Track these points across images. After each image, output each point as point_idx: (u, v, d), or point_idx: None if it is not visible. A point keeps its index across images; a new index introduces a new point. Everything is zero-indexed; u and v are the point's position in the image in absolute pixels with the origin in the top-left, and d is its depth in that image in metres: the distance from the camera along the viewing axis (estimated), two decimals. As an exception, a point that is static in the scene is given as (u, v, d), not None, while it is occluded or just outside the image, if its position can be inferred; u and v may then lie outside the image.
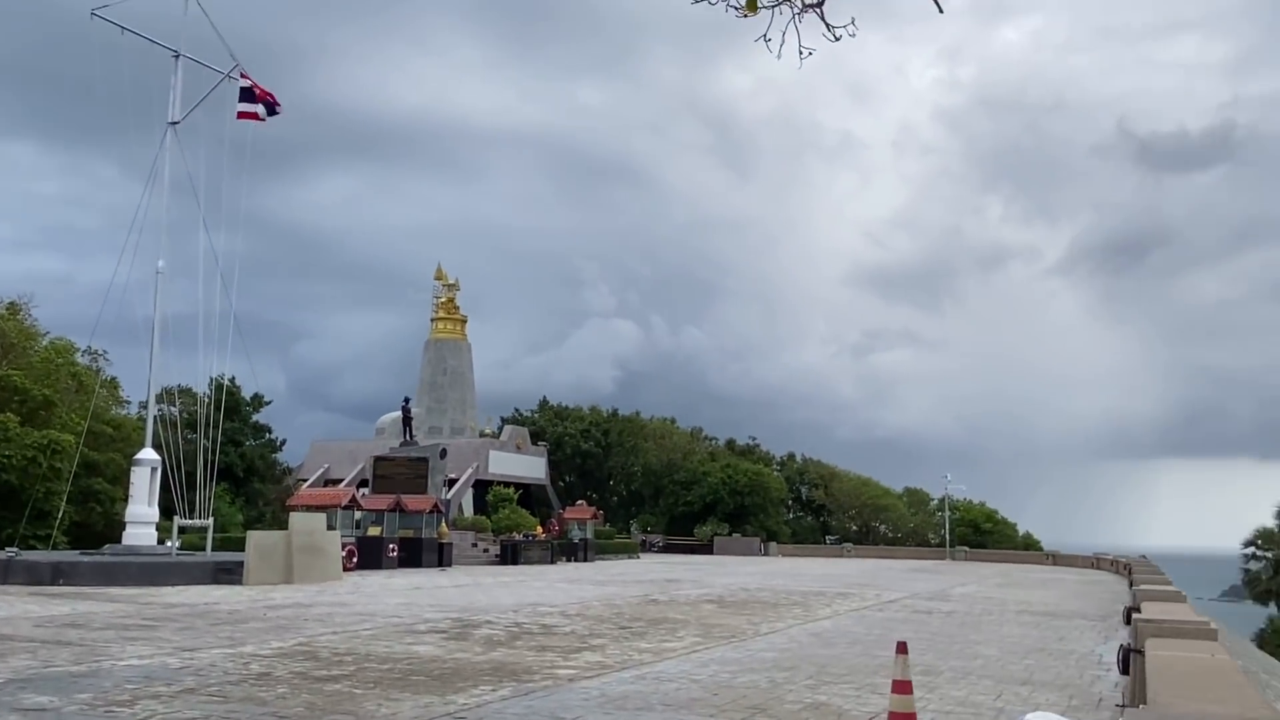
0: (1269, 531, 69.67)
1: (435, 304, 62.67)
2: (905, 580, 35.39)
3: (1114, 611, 23.79)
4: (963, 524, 70.37)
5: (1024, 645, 16.08)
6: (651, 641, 15.30)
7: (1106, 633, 18.63)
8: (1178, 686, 6.62)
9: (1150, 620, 9.97)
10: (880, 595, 26.93)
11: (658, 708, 9.71)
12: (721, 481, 67.15)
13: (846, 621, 19.36)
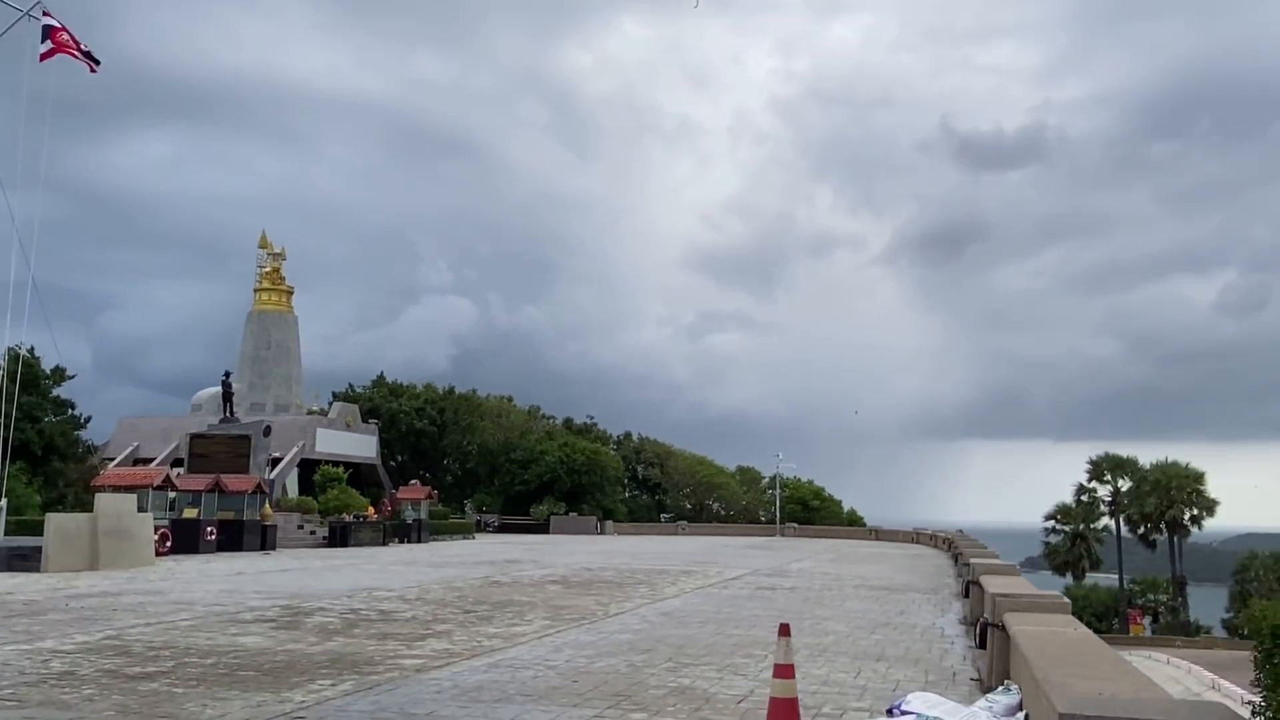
0: (1068, 507, 75.01)
1: (259, 274, 59.27)
2: (743, 557, 35.90)
3: (943, 585, 24.72)
4: (792, 501, 72.47)
5: (869, 620, 16.30)
6: (499, 626, 14.64)
7: (941, 606, 19.19)
8: (1059, 664, 6.55)
9: (1007, 595, 10.10)
10: (722, 573, 27.09)
11: (516, 699, 9.10)
12: (559, 460, 66.68)
13: (695, 600, 19.23)
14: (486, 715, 8.37)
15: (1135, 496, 69.98)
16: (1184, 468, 69.06)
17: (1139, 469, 71.60)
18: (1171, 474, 68.48)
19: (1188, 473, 68.43)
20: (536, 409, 79.45)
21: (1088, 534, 74.31)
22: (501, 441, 70.63)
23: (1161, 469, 69.36)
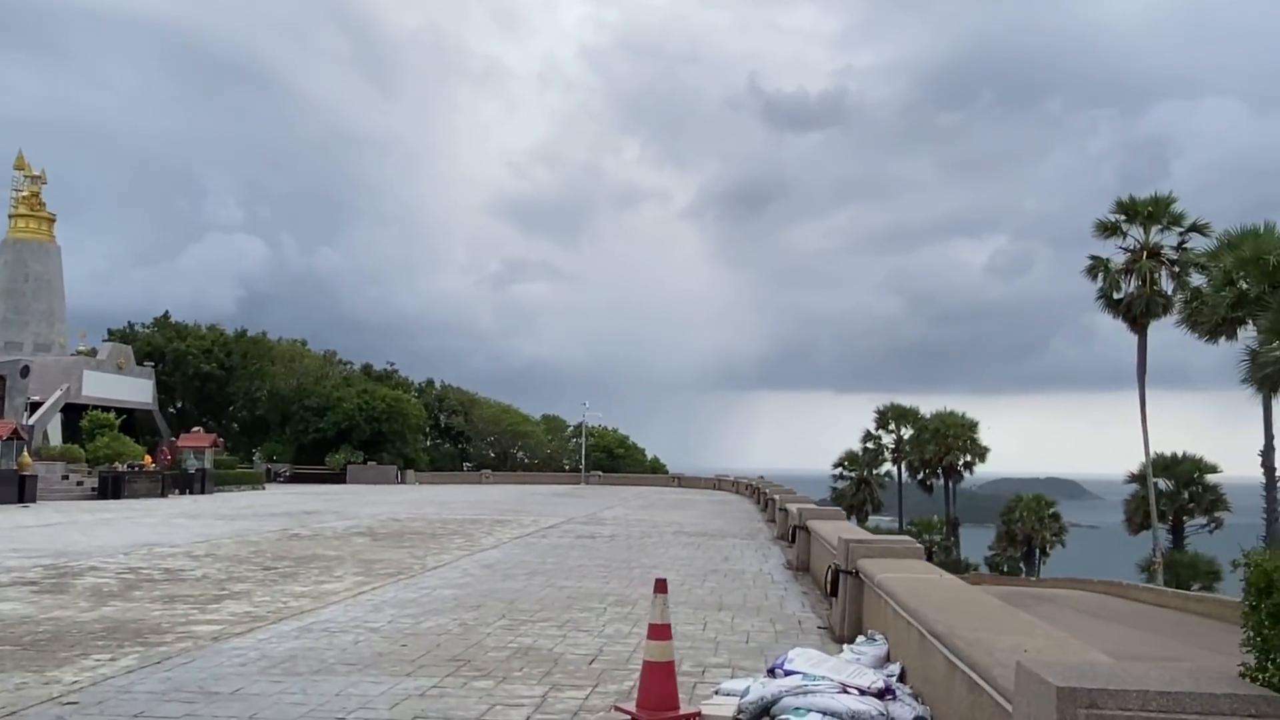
0: (855, 454, 79.00)
1: (15, 198, 52.88)
2: (554, 505, 35.29)
3: (757, 530, 24.94)
4: (597, 449, 72.60)
5: (697, 567, 15.95)
6: (306, 584, 13.27)
7: (762, 551, 19.18)
8: (952, 614, 6.11)
9: (860, 540, 9.79)
10: (537, 521, 26.32)
11: (338, 669, 7.97)
12: (357, 408, 63.80)
13: (515, 550, 18.35)
14: (306, 691, 7.22)
15: (916, 444, 74.28)
16: (960, 417, 73.82)
17: (920, 418, 76.03)
18: (949, 423, 73.00)
19: (964, 422, 73.17)
20: (333, 354, 75.70)
21: (872, 479, 78.58)
22: (294, 388, 66.83)
23: (941, 418, 73.81)
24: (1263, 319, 32.06)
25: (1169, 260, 42.58)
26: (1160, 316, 42.49)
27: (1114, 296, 43.76)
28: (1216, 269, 36.83)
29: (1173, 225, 42.97)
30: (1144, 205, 42.93)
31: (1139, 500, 46.13)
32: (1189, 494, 45.09)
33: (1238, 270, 34.91)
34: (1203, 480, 45.08)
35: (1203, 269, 41.03)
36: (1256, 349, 32.80)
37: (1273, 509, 35.89)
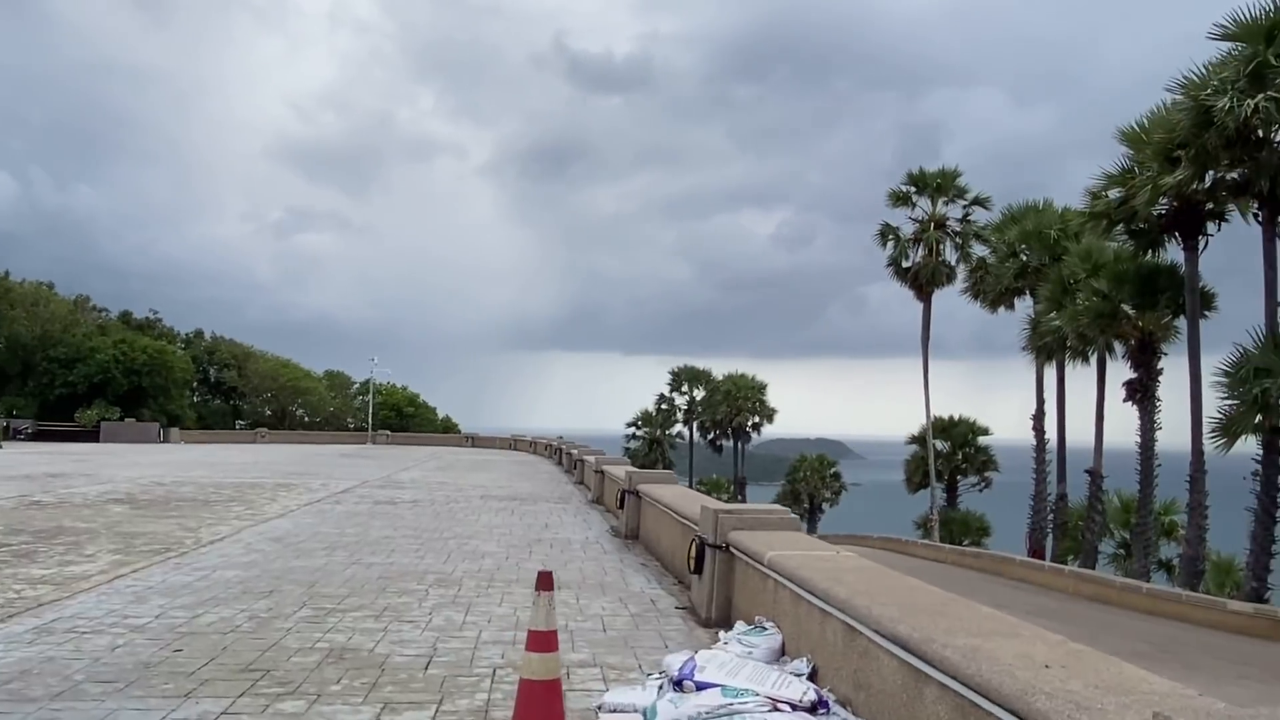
0: (649, 415, 79.61)
1: None
2: (344, 467, 32.76)
3: (570, 493, 23.75)
4: (386, 408, 69.35)
5: (518, 537, 14.53)
6: (47, 565, 10.86)
7: (582, 517, 17.98)
8: (886, 602, 5.04)
9: (731, 511, 8.68)
10: (327, 485, 23.98)
11: (88, 688, 6.04)
12: (114, 359, 57.80)
13: (307, 519, 16.25)
14: (41, 729, 5.31)
15: (708, 405, 75.64)
16: (750, 380, 75.60)
17: (712, 380, 77.42)
18: (740, 385, 74.65)
19: (753, 384, 75.01)
20: (85, 299, 68.29)
21: (663, 439, 79.55)
22: (38, 335, 59.74)
23: (732, 380, 75.36)
24: (1044, 289, 33.70)
25: (954, 232, 44.45)
26: (944, 285, 44.41)
27: (903, 265, 45.36)
28: (1001, 241, 38.59)
29: (957, 198, 44.85)
30: (933, 177, 44.56)
31: (918, 460, 48.47)
32: (963, 455, 47.69)
33: (1021, 242, 36.61)
34: (975, 442, 47.81)
35: (984, 241, 43.12)
36: (1037, 318, 34.55)
37: (1042, 470, 38.23)
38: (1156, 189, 25.09)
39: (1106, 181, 28.75)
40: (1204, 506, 26.88)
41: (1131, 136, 27.75)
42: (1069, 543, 35.68)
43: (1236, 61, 21.81)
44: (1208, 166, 24.21)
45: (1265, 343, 24.15)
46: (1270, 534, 24.31)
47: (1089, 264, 31.48)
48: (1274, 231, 24.48)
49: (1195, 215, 26.81)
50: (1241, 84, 21.44)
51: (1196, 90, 22.90)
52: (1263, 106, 20.66)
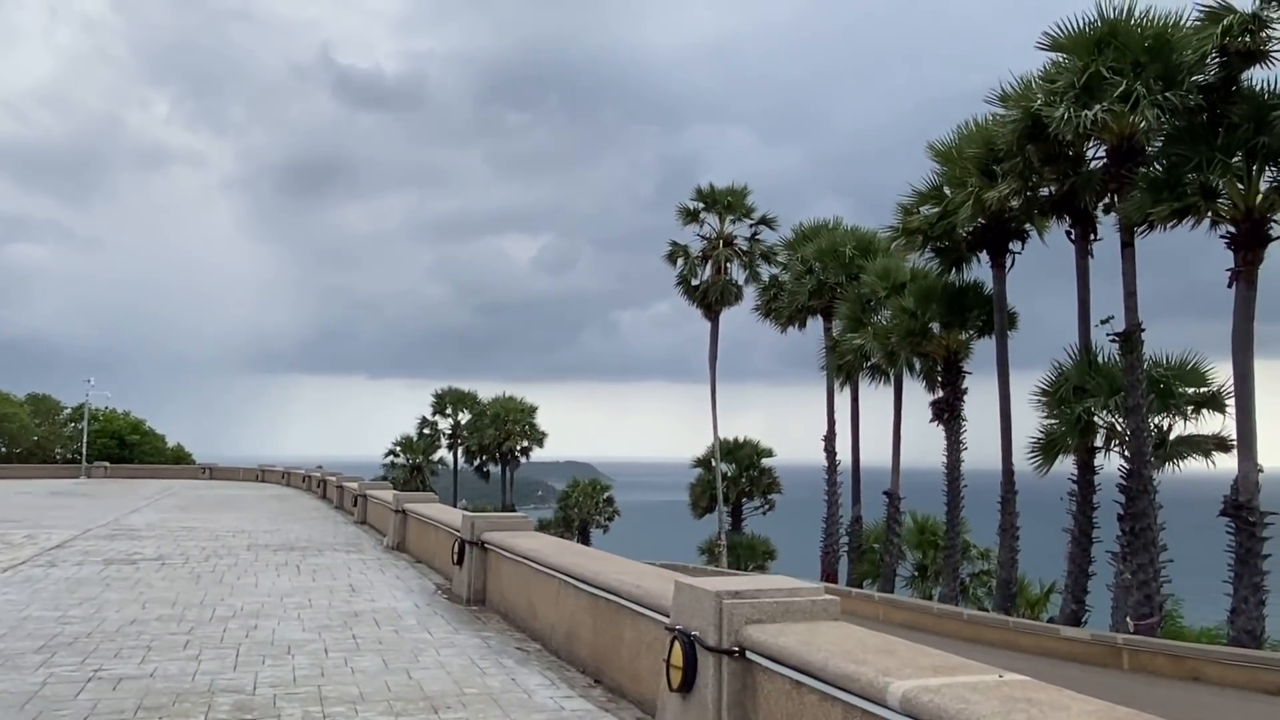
0: (410, 440, 74.59)
1: None
2: (56, 510, 26.65)
3: (355, 537, 19.79)
4: (105, 435, 60.50)
5: (324, 612, 10.79)
6: None
7: (387, 570, 14.32)
8: None
9: (739, 595, 5.73)
10: (36, 538, 18.59)
11: None
12: None
13: (12, 596, 11.61)
14: None
15: (475, 429, 71.75)
16: (520, 402, 72.47)
17: (479, 403, 73.61)
18: (509, 408, 71.36)
19: (523, 407, 71.93)
20: None
21: (425, 465, 74.85)
22: None
23: (501, 403, 71.93)
24: (842, 308, 33.00)
25: (742, 251, 43.62)
26: (733, 304, 43.48)
27: (692, 283, 44.06)
28: (795, 259, 37.87)
29: (745, 217, 44.08)
30: (722, 195, 43.57)
31: (704, 484, 47.20)
32: (748, 478, 46.86)
33: (817, 260, 35.94)
34: (760, 464, 47.11)
35: (772, 260, 42.52)
36: (837, 337, 33.80)
37: (834, 492, 37.67)
38: (979, 203, 24.55)
39: (918, 198, 28.24)
40: (1015, 528, 26.59)
41: (942, 152, 27.33)
42: (865, 566, 35.14)
43: (1068, 72, 21.42)
44: (1029, 181, 23.87)
45: (1080, 361, 24.01)
46: (1088, 555, 24.11)
47: (887, 282, 31.00)
48: (1088, 249, 24.50)
49: (1003, 232, 26.63)
50: (1073, 95, 21.01)
51: (1026, 101, 22.40)
52: (1100, 117, 20.23)
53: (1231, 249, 20.14)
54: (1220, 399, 22.68)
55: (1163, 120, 20.17)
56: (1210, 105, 19.98)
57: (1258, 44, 19.11)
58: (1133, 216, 20.78)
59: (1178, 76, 20.18)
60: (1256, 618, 19.32)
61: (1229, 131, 19.57)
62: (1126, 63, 20.57)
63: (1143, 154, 21.77)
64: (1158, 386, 22.21)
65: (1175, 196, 20.07)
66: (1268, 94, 19.61)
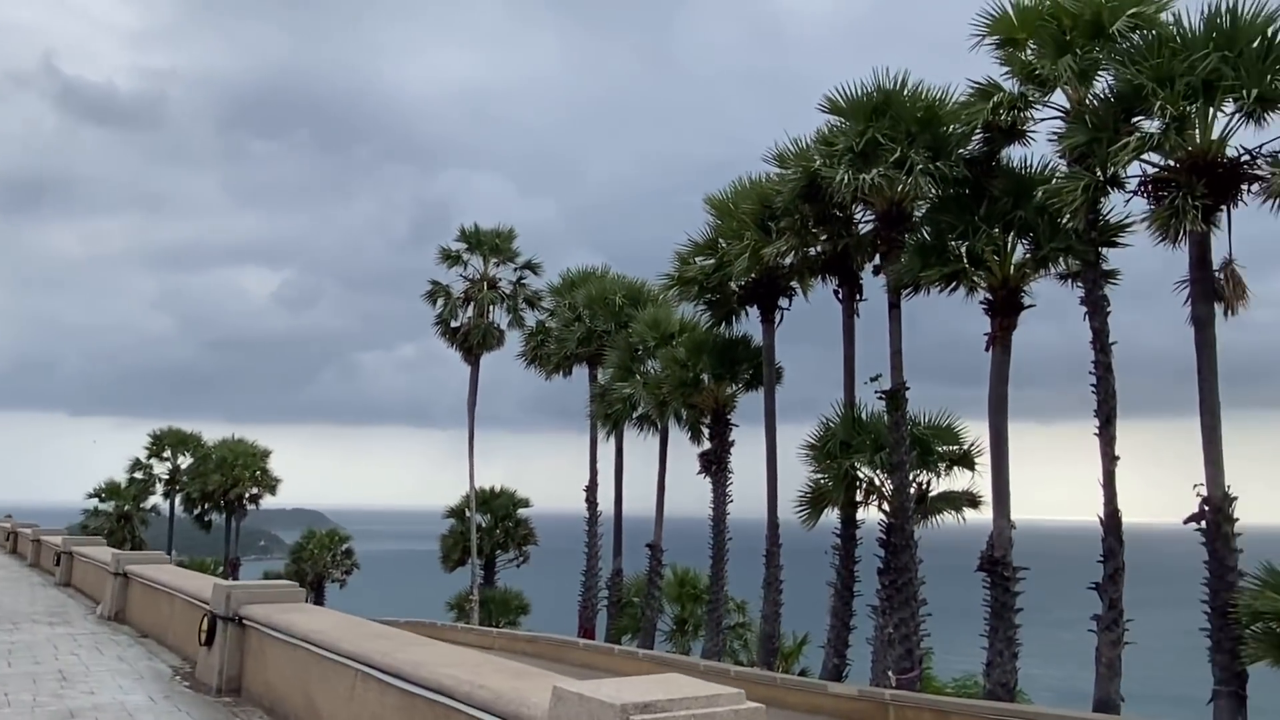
0: (115, 485, 66.99)
1: None
2: None
3: (61, 604, 16.58)
4: None
5: (33, 715, 8.43)
6: None
7: (113, 649, 11.78)
8: None
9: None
10: None
11: None
12: None
13: None
14: None
15: (198, 474, 65.50)
16: (251, 445, 66.88)
17: (204, 446, 67.35)
18: (238, 451, 65.65)
19: (254, 450, 66.42)
20: None
21: (135, 514, 67.42)
22: None
23: (228, 446, 66.10)
24: (611, 356, 32.52)
25: (506, 294, 42.37)
26: (495, 348, 42.02)
27: (451, 324, 42.25)
28: (563, 305, 37.13)
29: (510, 260, 42.92)
30: (488, 237, 42.21)
31: (456, 535, 45.00)
32: (503, 529, 45.16)
33: (586, 307, 35.37)
34: (515, 515, 45.56)
35: (534, 305, 41.60)
36: (606, 385, 33.22)
37: (594, 544, 36.88)
38: (755, 257, 24.74)
39: (694, 248, 28.25)
40: (779, 581, 26.72)
41: (719, 206, 27.53)
42: (625, 620, 34.42)
43: (845, 136, 22.01)
44: (804, 239, 24.33)
45: (846, 417, 24.54)
46: (850, 608, 24.48)
47: (657, 332, 30.86)
48: (854, 308, 25.23)
49: (774, 288, 27.06)
50: (850, 158, 21.58)
51: (806, 161, 22.83)
52: (876, 181, 20.83)
53: (989, 315, 21.19)
54: (971, 457, 23.79)
55: (932, 189, 21.05)
56: (974, 178, 21.03)
57: (1019, 123, 20.31)
58: (904, 279, 21.49)
59: (946, 148, 21.18)
60: (1010, 670, 20.08)
61: (990, 204, 20.63)
62: (900, 131, 21.37)
63: (910, 219, 22.67)
64: (919, 444, 22.98)
65: (943, 262, 20.92)
66: (1025, 171, 20.91)
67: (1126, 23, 18.54)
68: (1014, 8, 20.04)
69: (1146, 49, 17.84)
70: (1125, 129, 18.11)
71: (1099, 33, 18.86)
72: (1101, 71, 18.95)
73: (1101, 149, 18.03)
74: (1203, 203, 16.59)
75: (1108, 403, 19.26)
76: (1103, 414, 19.27)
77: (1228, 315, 17.82)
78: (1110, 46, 18.59)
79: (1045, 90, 19.77)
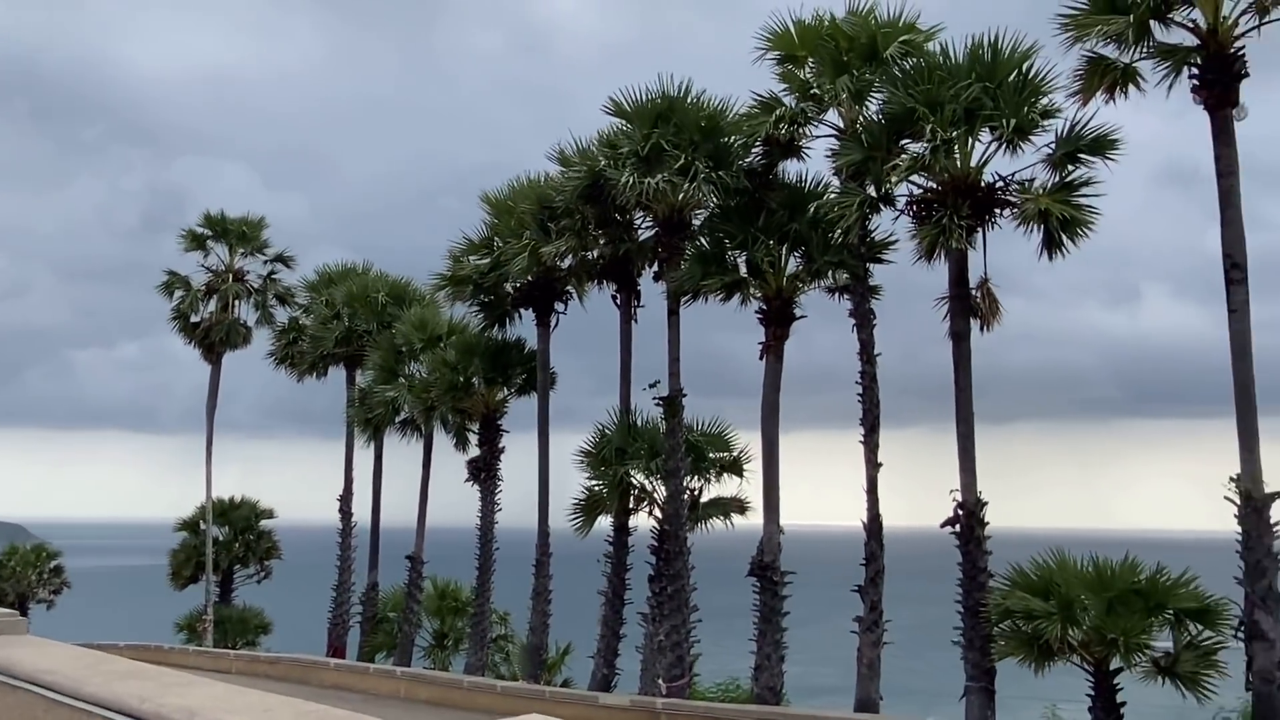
0: None
1: None
2: None
3: None
4: None
5: None
6: None
7: None
8: None
9: None
10: None
11: None
12: None
13: None
14: None
15: None
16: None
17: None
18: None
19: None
20: None
21: None
22: None
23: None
24: (374, 357, 30.89)
25: (254, 288, 39.32)
26: (241, 346, 38.87)
27: (191, 319, 38.70)
28: (319, 302, 34.91)
29: (260, 252, 39.89)
30: (235, 225, 38.99)
31: (189, 549, 41.17)
32: (244, 542, 41.81)
33: (345, 305, 33.42)
34: (258, 527, 42.32)
35: (286, 301, 38.96)
36: (367, 388, 31.51)
37: (347, 556, 34.86)
38: (535, 256, 24.06)
39: (469, 247, 27.21)
40: (548, 591, 26.14)
41: (496, 203, 26.68)
42: (380, 637, 32.62)
43: (630, 139, 21.79)
44: (584, 241, 23.92)
45: (622, 424, 24.36)
46: (620, 616, 24.25)
47: (424, 333, 29.55)
48: (631, 315, 25.10)
49: (550, 291, 26.51)
50: (635, 161, 21.38)
51: (591, 161, 22.42)
52: (661, 186, 20.72)
53: (763, 324, 21.58)
54: (740, 464, 24.19)
55: (714, 197, 21.21)
56: (754, 189, 21.37)
57: (796, 138, 20.82)
58: (685, 286, 21.50)
59: (728, 158, 21.40)
60: (777, 674, 20.43)
61: (769, 215, 21.02)
62: (684, 139, 21.39)
63: (689, 227, 22.77)
64: (693, 450, 23.08)
65: (723, 271, 21.11)
66: (802, 185, 21.48)
67: (899, 48, 19.41)
68: (795, 26, 20.52)
69: (917, 75, 18.69)
70: (895, 149, 18.96)
71: (873, 56, 19.64)
72: (875, 93, 19.72)
73: (876, 167, 18.77)
74: (967, 223, 17.55)
75: (872, 411, 20.05)
76: (867, 423, 20.05)
77: (983, 331, 18.97)
78: (883, 70, 19.37)
79: (822, 108, 20.36)
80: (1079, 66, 17.88)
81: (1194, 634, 16.02)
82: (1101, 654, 16.01)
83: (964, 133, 18.07)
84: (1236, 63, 16.54)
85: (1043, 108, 18.29)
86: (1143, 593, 15.81)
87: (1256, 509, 15.70)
